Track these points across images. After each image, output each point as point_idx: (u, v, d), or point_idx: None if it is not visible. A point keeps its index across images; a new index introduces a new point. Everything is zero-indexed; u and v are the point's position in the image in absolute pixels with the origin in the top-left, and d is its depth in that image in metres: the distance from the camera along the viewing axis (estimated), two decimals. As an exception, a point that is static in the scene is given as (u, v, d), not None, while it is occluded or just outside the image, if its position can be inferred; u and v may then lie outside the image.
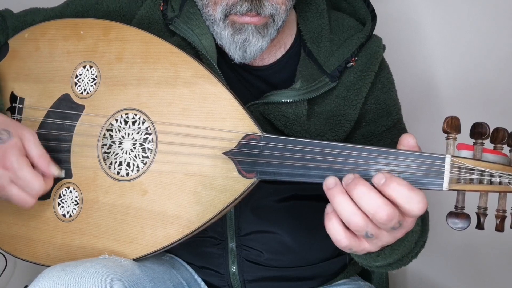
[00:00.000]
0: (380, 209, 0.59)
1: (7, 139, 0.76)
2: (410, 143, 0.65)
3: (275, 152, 0.70)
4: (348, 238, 0.63)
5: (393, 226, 0.61)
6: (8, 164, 0.75)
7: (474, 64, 1.22)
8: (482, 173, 0.62)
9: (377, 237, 0.63)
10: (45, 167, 0.78)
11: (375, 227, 0.62)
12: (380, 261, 0.72)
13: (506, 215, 0.64)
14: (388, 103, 0.91)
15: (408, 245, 0.72)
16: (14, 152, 0.75)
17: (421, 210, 0.60)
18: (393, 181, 0.60)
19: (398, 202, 0.60)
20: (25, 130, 0.78)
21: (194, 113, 0.77)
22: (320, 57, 0.88)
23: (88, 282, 0.70)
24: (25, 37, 0.90)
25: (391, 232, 0.63)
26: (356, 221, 0.61)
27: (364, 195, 0.60)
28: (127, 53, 0.82)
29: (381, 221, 0.60)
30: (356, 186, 0.61)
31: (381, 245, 0.65)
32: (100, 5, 0.94)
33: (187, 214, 0.75)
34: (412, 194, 0.60)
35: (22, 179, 0.75)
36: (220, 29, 0.82)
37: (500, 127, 0.64)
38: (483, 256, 1.24)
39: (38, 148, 0.78)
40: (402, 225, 0.62)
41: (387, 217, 0.59)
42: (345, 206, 0.61)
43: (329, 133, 0.87)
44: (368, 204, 0.60)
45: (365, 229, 0.61)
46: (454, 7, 1.22)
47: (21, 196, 0.76)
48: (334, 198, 0.62)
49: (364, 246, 0.64)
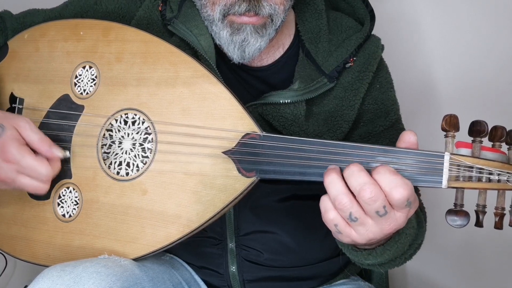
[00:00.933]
0: (366, 187, 0.61)
1: (2, 132, 0.75)
2: (411, 140, 0.65)
3: (274, 151, 0.71)
4: (335, 211, 0.64)
5: (378, 210, 0.62)
6: (9, 157, 0.75)
7: (472, 63, 1.22)
8: (481, 171, 0.63)
9: (362, 223, 0.63)
10: (47, 151, 0.77)
11: (359, 209, 0.63)
12: (371, 259, 0.72)
13: (504, 212, 0.64)
14: (386, 103, 0.91)
15: (401, 246, 0.72)
16: (13, 143, 0.75)
17: (402, 195, 0.61)
18: (381, 166, 0.63)
19: (381, 185, 0.62)
20: (18, 119, 0.78)
21: (194, 113, 0.77)
22: (319, 58, 0.88)
23: (87, 282, 0.70)
24: (25, 38, 0.90)
25: (377, 221, 0.63)
26: (341, 199, 0.63)
27: (354, 173, 0.62)
28: (127, 53, 0.83)
29: (365, 199, 0.61)
30: (349, 167, 0.63)
31: (369, 238, 0.66)
32: (99, 6, 0.94)
33: (187, 213, 0.75)
34: (394, 178, 0.61)
35: (27, 168, 0.75)
36: (218, 29, 0.83)
37: (498, 125, 0.65)
38: (482, 255, 1.24)
39: (36, 133, 0.77)
40: (389, 214, 0.63)
41: (371, 194, 0.61)
42: (335, 184, 0.63)
43: (327, 133, 0.87)
44: (355, 181, 0.62)
45: (349, 208, 0.63)
46: (453, 7, 1.22)
47: (33, 184, 0.76)
48: (328, 175, 0.64)
49: (350, 231, 0.65)
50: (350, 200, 0.63)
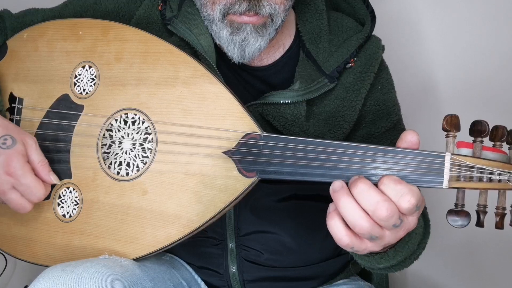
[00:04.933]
0: (380, 205, 0.60)
1: (12, 145, 0.76)
2: (413, 140, 0.65)
3: (275, 151, 0.71)
4: (349, 237, 0.63)
5: (395, 223, 0.61)
6: (12, 171, 0.75)
7: (473, 63, 1.22)
8: (482, 171, 0.63)
9: (380, 238, 0.63)
10: (45, 175, 0.78)
11: (379, 228, 0.62)
12: (383, 263, 0.72)
13: (505, 212, 0.64)
14: (388, 104, 0.91)
15: (412, 246, 0.72)
16: (18, 159, 0.75)
17: (411, 203, 0.61)
18: (385, 177, 0.62)
19: (389, 196, 0.61)
20: (27, 136, 0.79)
21: (194, 113, 0.77)
22: (319, 58, 0.88)
23: (88, 282, 0.70)
24: (24, 37, 0.90)
25: (393, 231, 0.63)
26: (361, 224, 0.61)
27: (364, 191, 0.61)
28: (126, 53, 0.82)
29: (382, 218, 0.60)
30: (357, 184, 0.61)
31: (384, 245, 0.66)
32: (98, 5, 0.94)
33: (187, 213, 0.75)
34: (400, 188, 0.61)
35: (25, 186, 0.76)
36: (218, 28, 0.82)
37: (499, 125, 0.64)
38: (483, 255, 1.24)
39: (39, 155, 0.78)
40: (404, 223, 0.62)
41: (387, 212, 0.60)
42: (349, 208, 0.61)
43: (327, 134, 0.87)
44: (368, 201, 0.61)
45: (370, 232, 0.61)
46: (453, 7, 1.22)
47: (20, 202, 0.77)
48: (339, 200, 0.62)
49: (366, 246, 0.65)
50: (370, 223, 0.61)
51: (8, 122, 0.81)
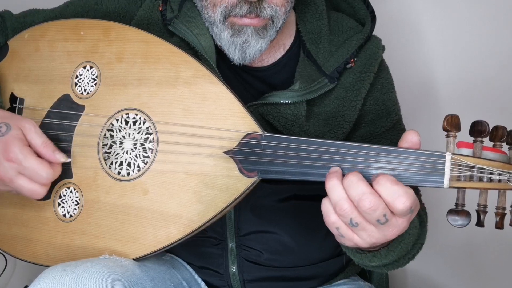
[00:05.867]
0: (364, 196, 0.61)
1: (6, 131, 0.75)
2: (414, 140, 0.65)
3: (276, 151, 0.71)
4: (336, 214, 0.64)
5: (378, 219, 0.62)
6: (12, 156, 0.74)
7: (473, 63, 1.23)
8: (482, 171, 0.63)
9: (363, 228, 0.64)
10: (50, 155, 0.77)
11: (360, 215, 0.63)
12: (375, 261, 0.72)
13: (505, 212, 0.65)
14: (388, 104, 0.91)
15: (405, 247, 0.72)
16: (16, 143, 0.75)
17: (405, 204, 0.61)
18: (380, 176, 0.63)
19: (383, 196, 0.62)
20: (24, 121, 0.78)
21: (195, 113, 0.77)
22: (319, 58, 0.88)
23: (88, 282, 0.70)
24: (25, 38, 0.90)
25: (379, 228, 0.64)
26: (341, 205, 0.63)
27: (353, 183, 0.63)
28: (128, 53, 0.83)
29: (364, 209, 0.61)
30: (348, 176, 0.63)
31: (372, 242, 0.66)
32: (99, 6, 0.94)
33: (188, 213, 0.75)
34: (395, 189, 0.61)
35: (28, 169, 0.74)
36: (219, 30, 0.82)
37: (499, 125, 0.65)
38: (483, 254, 1.24)
39: (41, 137, 0.77)
40: (390, 221, 0.63)
41: (370, 204, 0.61)
42: (336, 189, 0.63)
43: (328, 134, 0.87)
44: (354, 191, 0.62)
45: (349, 214, 0.63)
46: (453, 7, 1.23)
47: (31, 186, 0.76)
48: (329, 180, 0.64)
49: (353, 237, 0.65)
50: (350, 206, 0.63)
51: (4, 111, 0.81)
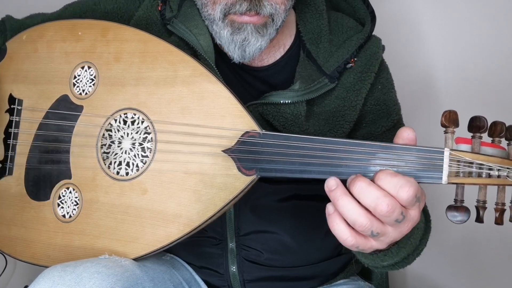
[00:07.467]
0: (380, 200, 0.60)
1: None
2: (409, 136, 0.65)
3: (274, 149, 0.71)
4: (354, 237, 0.63)
5: (397, 218, 0.61)
6: None
7: (473, 63, 1.23)
8: (481, 167, 0.63)
9: (383, 235, 0.63)
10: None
11: (379, 224, 0.62)
12: (387, 260, 0.71)
13: (505, 208, 0.64)
14: (388, 104, 0.91)
15: (414, 242, 0.72)
16: None
17: (409, 193, 0.60)
18: (380, 172, 0.62)
19: (388, 190, 0.61)
20: None
21: (193, 112, 0.77)
22: (319, 58, 0.88)
23: (88, 282, 0.70)
24: (23, 39, 0.90)
25: (396, 227, 0.63)
26: (361, 222, 0.61)
27: (363, 189, 0.61)
28: (125, 53, 0.83)
29: (383, 213, 0.60)
30: (356, 182, 0.61)
31: (388, 242, 0.65)
32: (97, 6, 0.94)
33: (187, 212, 0.75)
34: (396, 180, 0.61)
35: None
36: (219, 28, 0.82)
37: (497, 121, 0.65)
38: (482, 251, 1.24)
39: None
40: (406, 217, 0.62)
41: (388, 207, 0.60)
42: (349, 208, 0.61)
43: (328, 134, 0.87)
44: (368, 198, 0.61)
45: (370, 228, 0.62)
46: (453, 7, 1.23)
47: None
48: (338, 200, 0.62)
49: (371, 244, 0.65)
50: (370, 219, 0.61)
51: None
